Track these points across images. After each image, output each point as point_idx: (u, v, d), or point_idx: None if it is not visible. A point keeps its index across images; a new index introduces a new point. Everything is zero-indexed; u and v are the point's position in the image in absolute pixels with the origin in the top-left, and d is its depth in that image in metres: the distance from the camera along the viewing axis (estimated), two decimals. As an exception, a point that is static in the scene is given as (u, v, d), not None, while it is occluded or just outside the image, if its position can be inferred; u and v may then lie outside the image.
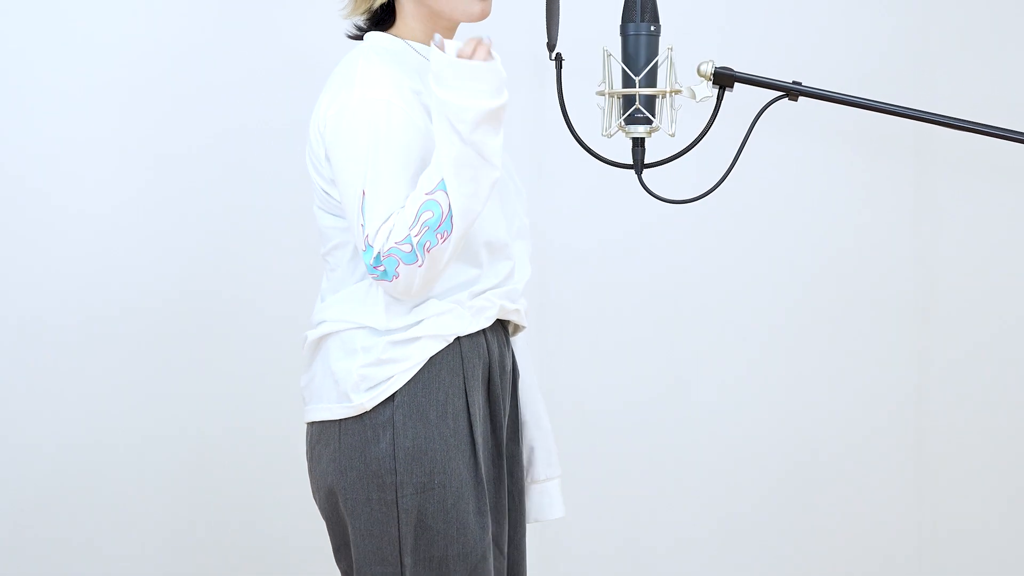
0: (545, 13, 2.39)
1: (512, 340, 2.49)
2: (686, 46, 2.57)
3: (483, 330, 2.39)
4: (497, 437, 2.41)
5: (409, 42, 2.39)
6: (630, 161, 2.40)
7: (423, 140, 2.28)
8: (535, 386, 2.53)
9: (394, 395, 2.31)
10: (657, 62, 2.35)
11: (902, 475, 3.93)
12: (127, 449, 3.42)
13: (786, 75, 2.53)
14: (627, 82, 2.35)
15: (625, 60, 2.35)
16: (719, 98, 2.39)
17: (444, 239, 2.22)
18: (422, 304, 2.33)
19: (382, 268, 2.23)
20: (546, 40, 2.39)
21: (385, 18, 2.41)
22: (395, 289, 2.26)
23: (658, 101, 2.36)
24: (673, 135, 2.38)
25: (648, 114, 2.35)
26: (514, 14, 2.93)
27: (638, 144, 2.39)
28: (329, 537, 2.44)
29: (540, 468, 2.53)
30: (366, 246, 2.24)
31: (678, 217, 3.56)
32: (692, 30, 3.51)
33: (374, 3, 2.38)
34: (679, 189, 2.50)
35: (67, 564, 3.40)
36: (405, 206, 2.23)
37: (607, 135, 2.38)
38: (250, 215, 3.47)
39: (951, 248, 3.92)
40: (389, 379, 2.31)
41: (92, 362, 3.39)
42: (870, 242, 3.89)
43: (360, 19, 2.42)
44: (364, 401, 2.31)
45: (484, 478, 2.35)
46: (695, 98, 2.38)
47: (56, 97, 3.37)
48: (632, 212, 3.69)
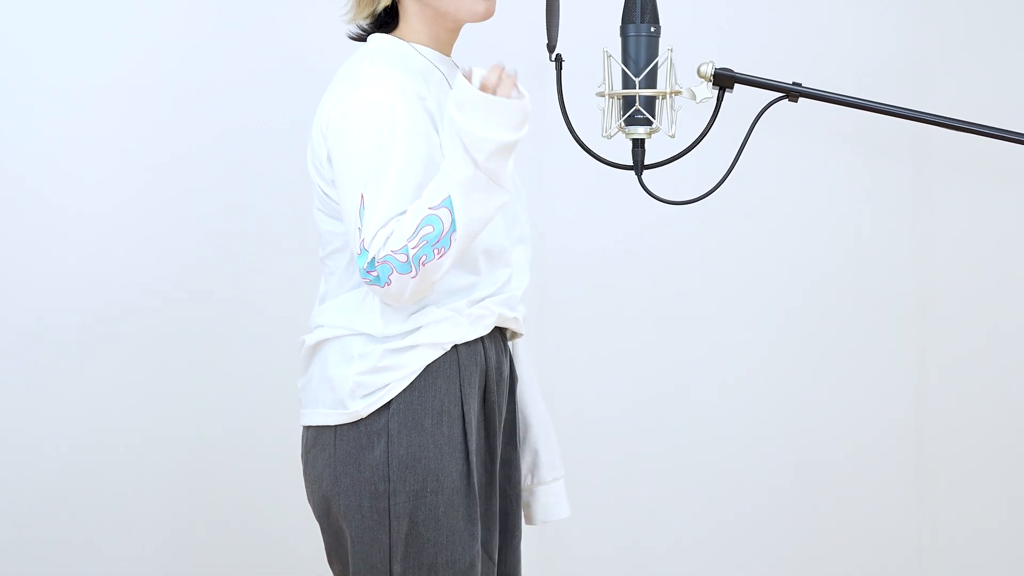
0: (545, 14, 2.38)
1: (510, 344, 2.48)
2: (686, 47, 2.57)
3: (481, 337, 2.37)
4: (491, 444, 2.40)
5: (413, 45, 2.38)
6: (630, 162, 2.40)
7: (426, 145, 2.26)
8: (536, 388, 2.52)
9: (390, 402, 2.30)
10: (657, 63, 2.35)
11: (902, 476, 3.93)
12: (127, 449, 3.42)
13: (786, 76, 2.53)
14: (627, 83, 2.35)
15: (625, 61, 2.35)
16: (719, 99, 2.39)
17: (440, 255, 2.20)
18: (420, 311, 2.31)
19: (375, 273, 2.21)
20: (546, 41, 2.39)
21: (388, 20, 2.39)
22: (386, 295, 2.23)
23: (658, 102, 2.36)
24: (673, 136, 2.38)
25: (648, 115, 2.35)
26: (514, 15, 2.93)
27: (638, 145, 2.38)
28: (323, 539, 2.43)
29: (546, 470, 2.52)
30: (361, 250, 2.22)
31: (678, 218, 3.57)
32: (692, 31, 3.51)
33: (378, 6, 2.37)
34: (679, 190, 2.50)
35: (67, 564, 3.40)
36: (407, 215, 2.21)
37: (607, 136, 2.38)
38: (250, 215, 3.47)
39: (950, 248, 3.92)
40: (385, 387, 2.30)
41: (92, 362, 3.39)
42: (869, 243, 3.89)
43: (363, 21, 2.41)
44: (360, 408, 2.30)
45: (476, 485, 2.34)
46: (695, 99, 2.37)
47: (56, 97, 3.37)
48: (632, 213, 3.69)
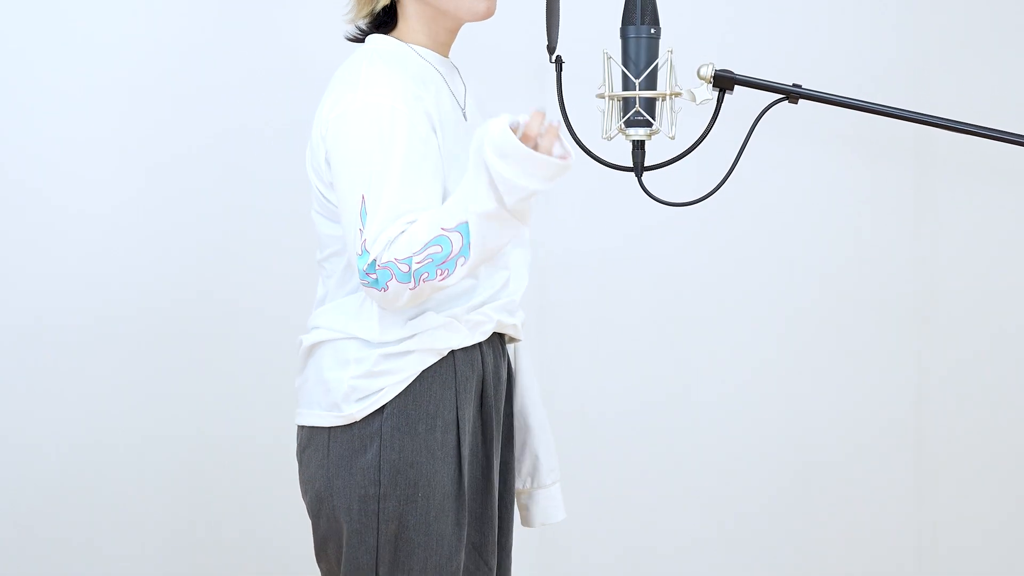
0: (545, 15, 2.38)
1: (508, 348, 2.47)
2: (686, 49, 2.56)
3: (478, 342, 2.37)
4: (488, 448, 2.39)
5: (411, 46, 2.37)
6: (630, 164, 2.40)
7: (425, 147, 2.25)
8: (536, 391, 2.52)
9: (384, 407, 2.30)
10: (657, 65, 2.35)
11: (902, 477, 3.92)
12: (127, 449, 3.42)
13: (786, 78, 2.53)
14: (627, 85, 2.35)
15: (625, 63, 2.35)
16: (719, 101, 2.38)
17: (443, 277, 2.18)
18: (417, 318, 2.30)
19: (374, 276, 2.19)
20: (546, 43, 2.39)
21: (387, 21, 2.38)
22: (382, 300, 2.22)
23: (658, 104, 2.36)
24: (673, 138, 2.37)
25: (648, 117, 2.35)
26: (514, 16, 2.93)
27: (638, 147, 2.38)
28: (313, 537, 2.42)
29: (545, 473, 2.51)
30: (363, 251, 2.20)
31: (678, 220, 3.57)
32: (692, 33, 3.51)
33: (376, 6, 2.36)
34: (679, 192, 2.50)
35: (67, 564, 3.40)
36: (418, 227, 2.18)
37: (607, 138, 2.38)
38: (250, 216, 3.47)
39: (951, 250, 3.92)
40: (380, 391, 2.29)
41: (92, 362, 3.39)
42: (870, 245, 3.89)
43: (362, 22, 2.40)
44: (354, 412, 2.30)
45: (467, 490, 2.34)
46: (695, 101, 2.37)
47: (56, 97, 3.37)
48: (632, 215, 3.69)
